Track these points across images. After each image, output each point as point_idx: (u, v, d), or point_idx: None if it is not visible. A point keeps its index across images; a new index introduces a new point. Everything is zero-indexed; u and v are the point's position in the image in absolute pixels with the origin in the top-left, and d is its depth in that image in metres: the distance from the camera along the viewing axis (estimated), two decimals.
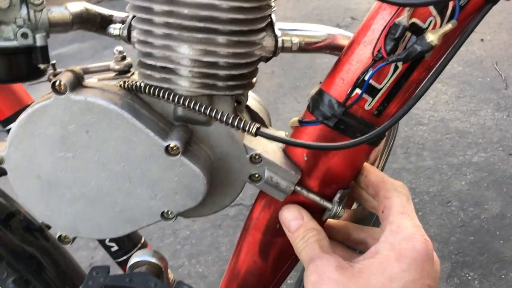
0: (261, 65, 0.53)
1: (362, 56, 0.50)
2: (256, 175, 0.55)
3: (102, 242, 0.77)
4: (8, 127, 0.70)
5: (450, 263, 1.67)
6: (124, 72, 0.60)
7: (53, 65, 0.58)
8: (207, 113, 0.46)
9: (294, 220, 0.54)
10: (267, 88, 3.07)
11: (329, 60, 3.34)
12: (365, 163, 0.56)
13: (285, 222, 0.55)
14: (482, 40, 3.44)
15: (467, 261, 1.68)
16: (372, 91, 0.50)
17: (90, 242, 1.89)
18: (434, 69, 0.48)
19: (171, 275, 0.72)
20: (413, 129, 2.47)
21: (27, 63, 0.48)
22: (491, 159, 2.19)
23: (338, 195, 0.56)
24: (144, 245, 0.80)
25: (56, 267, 0.69)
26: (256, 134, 0.46)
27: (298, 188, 0.55)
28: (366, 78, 0.49)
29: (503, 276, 1.61)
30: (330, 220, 0.59)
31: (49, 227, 0.72)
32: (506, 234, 1.77)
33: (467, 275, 1.63)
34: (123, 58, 0.60)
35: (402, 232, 0.45)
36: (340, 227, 0.58)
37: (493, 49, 3.29)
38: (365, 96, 0.51)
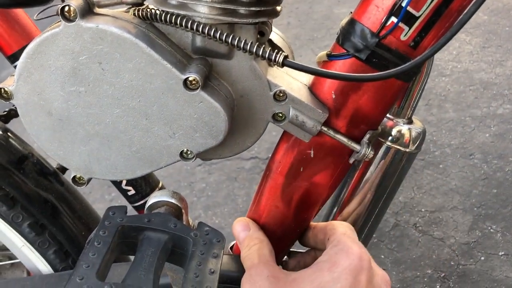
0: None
1: None
2: (280, 114, 0.51)
3: (118, 185, 0.75)
4: (15, 63, 0.66)
5: (472, 216, 1.64)
6: (138, 4, 0.56)
7: None
8: (229, 41, 0.42)
9: (242, 231, 0.57)
10: None
11: (348, 10, 3.22)
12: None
13: (235, 233, 0.58)
14: None
15: (489, 213, 1.64)
16: (409, 19, 0.46)
17: (106, 195, 1.90)
18: None
19: (190, 220, 0.70)
20: (435, 81, 2.38)
21: None
22: None
23: (367, 136, 0.53)
24: (162, 189, 0.78)
25: (71, 211, 0.68)
26: (283, 64, 0.42)
27: (325, 129, 0.52)
28: (404, 4, 0.45)
29: None
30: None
31: (63, 171, 0.70)
32: None
33: (490, 228, 1.60)
34: None
35: (341, 245, 0.48)
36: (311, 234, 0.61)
37: None
38: (401, 25, 0.46)
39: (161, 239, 0.43)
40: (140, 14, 0.46)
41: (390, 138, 0.65)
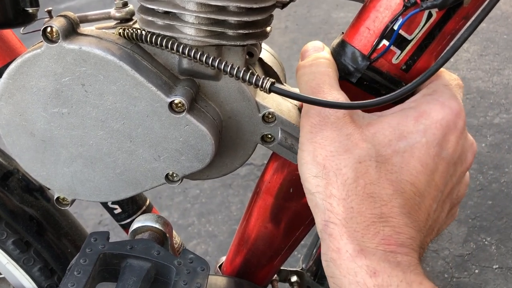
0: (274, 20, 0.47)
1: (391, 2, 0.44)
2: (269, 136, 0.50)
3: (104, 204, 0.74)
4: None
5: (467, 228, 1.63)
6: (125, 20, 0.55)
7: (49, 12, 0.53)
8: (215, 65, 0.41)
9: (312, 49, 0.46)
10: (280, 44, 2.98)
11: (346, 14, 3.23)
12: None
13: (303, 51, 0.47)
14: None
15: (484, 225, 1.64)
16: (401, 42, 0.45)
17: None
18: (473, 18, 0.42)
19: (178, 239, 0.69)
20: None
21: (14, 6, 0.43)
22: None
23: None
24: (149, 208, 0.77)
25: (57, 228, 0.66)
26: (270, 90, 0.41)
27: None
28: (395, 27, 0.44)
29: None
30: None
31: (49, 187, 0.69)
32: None
33: (484, 240, 1.59)
34: (125, 4, 0.54)
35: (437, 94, 0.39)
36: None
37: None
38: (393, 48, 0.45)
39: (144, 267, 0.42)
40: (126, 34, 0.45)
41: None
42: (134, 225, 0.47)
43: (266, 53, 0.56)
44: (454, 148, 0.39)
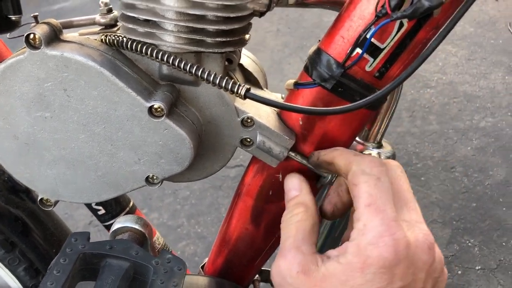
0: (266, 23, 0.49)
1: (364, 11, 0.45)
2: (248, 140, 0.52)
3: (88, 205, 0.75)
4: None
5: (450, 229, 1.66)
6: (110, 26, 0.56)
7: (35, 17, 0.55)
8: (193, 72, 0.43)
9: (292, 190, 0.51)
10: (272, 47, 2.99)
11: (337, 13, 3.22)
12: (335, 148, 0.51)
13: (285, 189, 0.52)
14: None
15: (468, 227, 1.66)
16: (374, 51, 0.46)
17: None
18: (443, 28, 0.44)
19: (161, 240, 0.70)
20: (420, 92, 2.41)
21: None
22: (498, 124, 2.14)
23: None
24: (133, 209, 0.78)
25: (43, 229, 0.67)
26: (245, 97, 0.42)
27: (292, 154, 0.52)
28: (368, 36, 0.45)
29: (503, 244, 1.59)
30: None
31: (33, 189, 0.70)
32: (509, 201, 1.75)
33: (467, 242, 1.62)
34: (109, 10, 0.56)
35: (369, 234, 0.41)
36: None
37: (508, 10, 3.17)
38: (366, 56, 0.47)
39: (122, 267, 0.43)
40: (107, 41, 0.46)
41: None
42: (115, 226, 0.49)
43: (247, 59, 0.58)
44: (402, 277, 0.40)
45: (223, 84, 0.43)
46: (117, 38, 0.45)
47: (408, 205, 0.45)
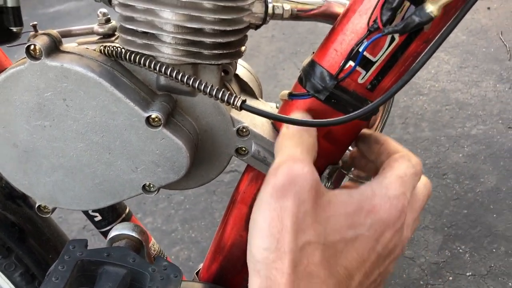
0: (260, 29, 0.50)
1: (357, 26, 0.47)
2: (243, 149, 0.53)
3: (85, 212, 0.76)
4: None
5: (442, 236, 1.68)
6: (108, 35, 0.57)
7: (34, 26, 0.55)
8: (190, 83, 0.44)
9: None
10: (266, 53, 3.01)
11: (331, 26, 3.26)
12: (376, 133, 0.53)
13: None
14: (488, 8, 3.36)
15: (459, 234, 1.68)
16: (366, 64, 0.48)
17: None
18: (433, 42, 0.45)
19: (156, 246, 0.71)
20: (412, 99, 2.43)
21: None
22: (489, 132, 2.16)
23: (327, 171, 0.55)
24: (129, 216, 0.79)
25: (39, 234, 0.68)
26: (241, 108, 0.44)
27: None
28: (360, 49, 0.47)
29: (494, 250, 1.61)
30: None
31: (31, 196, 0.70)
32: (499, 208, 1.77)
33: (459, 248, 1.63)
34: (107, 20, 0.57)
35: (389, 190, 0.42)
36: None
37: (499, 18, 3.22)
38: (358, 69, 0.48)
39: (119, 274, 0.44)
40: (106, 52, 0.47)
41: (352, 170, 0.67)
42: (112, 233, 0.50)
43: (243, 69, 0.59)
44: (387, 244, 0.43)
45: (220, 96, 0.44)
46: (116, 49, 0.47)
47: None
